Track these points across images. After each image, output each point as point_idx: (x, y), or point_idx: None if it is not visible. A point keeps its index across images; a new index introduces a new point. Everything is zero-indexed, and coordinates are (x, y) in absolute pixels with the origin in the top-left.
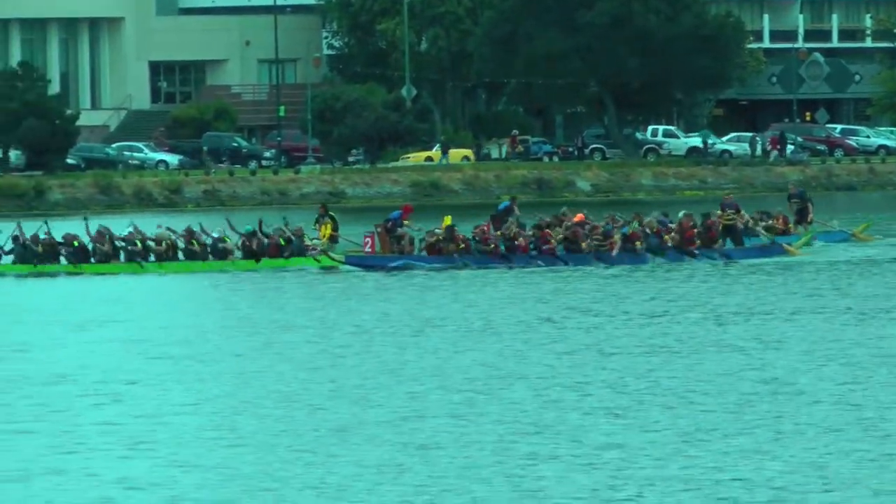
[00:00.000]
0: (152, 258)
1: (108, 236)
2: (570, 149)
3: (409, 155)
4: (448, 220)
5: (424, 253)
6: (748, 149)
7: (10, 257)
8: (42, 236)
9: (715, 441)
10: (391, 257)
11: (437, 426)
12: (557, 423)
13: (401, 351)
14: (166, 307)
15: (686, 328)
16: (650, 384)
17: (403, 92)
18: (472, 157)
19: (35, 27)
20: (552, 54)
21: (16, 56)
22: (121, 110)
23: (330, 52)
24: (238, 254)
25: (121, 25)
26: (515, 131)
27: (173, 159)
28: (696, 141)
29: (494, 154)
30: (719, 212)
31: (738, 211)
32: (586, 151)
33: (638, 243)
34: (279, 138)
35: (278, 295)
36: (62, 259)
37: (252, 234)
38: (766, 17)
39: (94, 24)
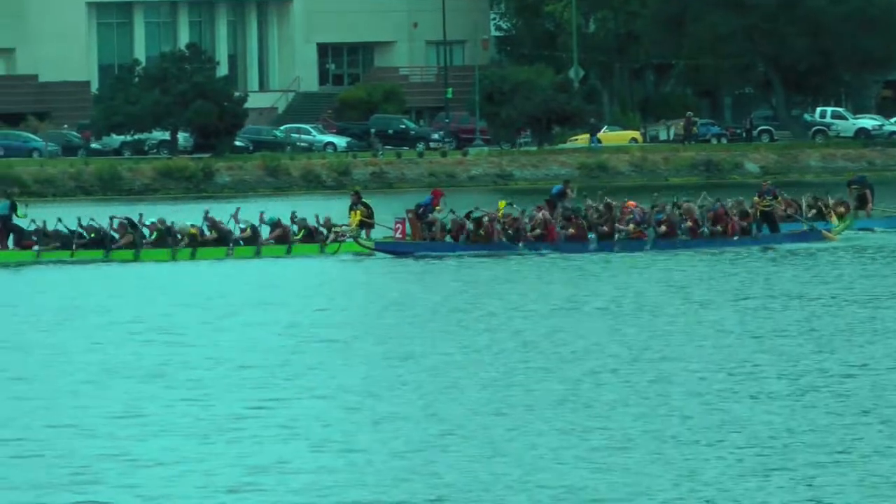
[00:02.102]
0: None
1: (129, 227)
2: (739, 130)
3: (576, 137)
4: (503, 205)
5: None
6: None
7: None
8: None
9: None
10: (421, 244)
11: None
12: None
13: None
14: (310, 290)
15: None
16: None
17: (571, 73)
18: (639, 139)
19: (203, 9)
20: (720, 35)
21: (184, 38)
22: (289, 92)
23: (497, 33)
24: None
25: (289, 7)
26: (690, 113)
27: (341, 141)
28: (865, 122)
29: (663, 136)
30: (757, 198)
31: (775, 197)
32: (754, 133)
33: (664, 228)
34: (447, 120)
35: (432, 279)
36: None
37: (277, 224)
38: None
39: (263, 5)
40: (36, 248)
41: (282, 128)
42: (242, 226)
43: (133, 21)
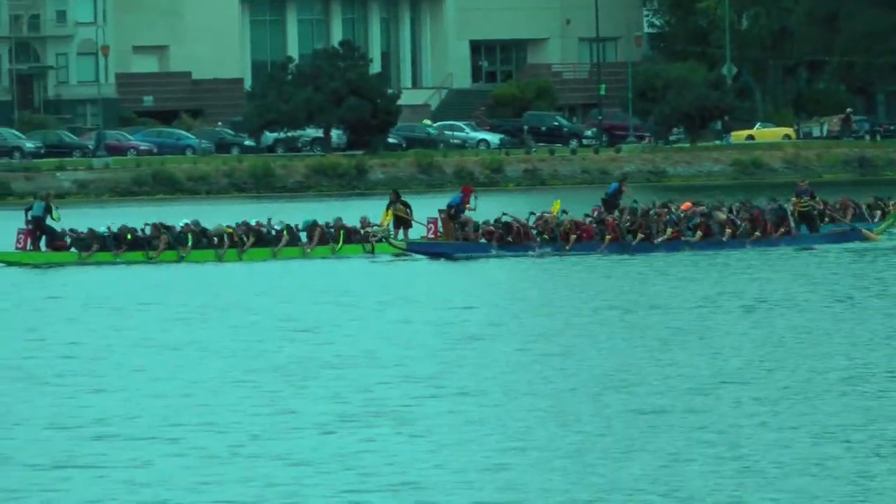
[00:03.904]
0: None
1: (162, 230)
2: (893, 127)
3: (730, 133)
4: (557, 206)
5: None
6: None
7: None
8: (102, 230)
9: None
10: (454, 244)
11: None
12: None
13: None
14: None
15: None
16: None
17: (724, 70)
18: (792, 135)
19: (357, 6)
20: (873, 33)
21: (337, 35)
22: (442, 89)
23: (650, 30)
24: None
25: (442, 4)
26: (850, 109)
27: (494, 138)
28: None
29: (816, 133)
30: (794, 198)
31: (812, 197)
32: None
33: (699, 232)
34: (600, 117)
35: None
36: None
37: (314, 226)
38: None
39: (416, 2)
40: (73, 249)
41: (435, 125)
42: (278, 227)
43: (286, 18)
